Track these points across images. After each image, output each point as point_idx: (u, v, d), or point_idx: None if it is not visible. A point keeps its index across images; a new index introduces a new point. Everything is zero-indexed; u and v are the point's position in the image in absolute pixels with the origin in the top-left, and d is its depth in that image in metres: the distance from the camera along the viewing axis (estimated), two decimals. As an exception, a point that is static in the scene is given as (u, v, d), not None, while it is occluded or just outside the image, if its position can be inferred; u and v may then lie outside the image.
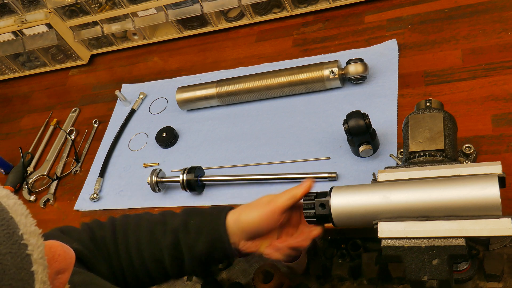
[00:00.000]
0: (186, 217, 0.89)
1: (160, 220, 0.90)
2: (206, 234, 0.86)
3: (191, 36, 1.60)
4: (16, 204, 0.47)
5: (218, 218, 0.87)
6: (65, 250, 0.51)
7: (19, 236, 0.45)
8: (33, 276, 0.45)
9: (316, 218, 0.81)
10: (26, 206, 0.49)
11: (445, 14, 1.25)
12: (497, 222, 0.67)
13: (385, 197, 0.74)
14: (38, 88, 1.79)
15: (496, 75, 1.08)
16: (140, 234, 0.88)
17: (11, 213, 0.46)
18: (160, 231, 0.88)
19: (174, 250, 0.87)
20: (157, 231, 0.88)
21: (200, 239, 0.86)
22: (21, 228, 0.46)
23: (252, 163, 1.19)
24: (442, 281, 0.69)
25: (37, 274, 0.45)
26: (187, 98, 1.35)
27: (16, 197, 0.49)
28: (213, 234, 0.86)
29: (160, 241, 0.87)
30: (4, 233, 0.44)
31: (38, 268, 0.45)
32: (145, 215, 0.93)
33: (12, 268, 0.43)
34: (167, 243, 0.86)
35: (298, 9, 1.45)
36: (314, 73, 1.22)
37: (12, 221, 0.45)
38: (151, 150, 1.36)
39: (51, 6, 1.54)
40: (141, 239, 0.88)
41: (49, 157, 1.49)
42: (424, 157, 0.82)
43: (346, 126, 1.02)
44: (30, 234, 0.46)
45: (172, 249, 0.86)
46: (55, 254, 0.49)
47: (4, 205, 0.46)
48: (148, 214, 0.93)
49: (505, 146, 0.98)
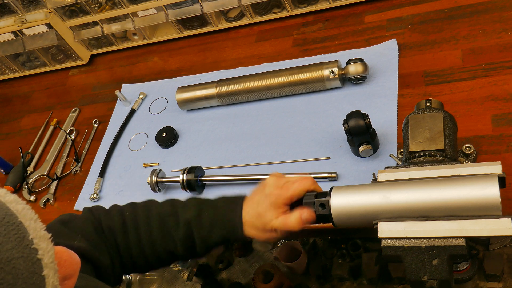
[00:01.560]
0: (199, 209, 0.89)
1: (171, 211, 0.90)
2: (220, 227, 0.87)
3: (191, 36, 1.60)
4: (24, 209, 0.48)
5: (233, 211, 0.87)
6: (71, 256, 0.51)
7: (29, 241, 0.45)
8: (44, 280, 0.45)
9: (316, 218, 0.81)
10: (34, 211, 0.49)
11: (445, 14, 1.25)
12: (497, 222, 0.67)
13: (385, 197, 0.74)
14: (38, 88, 1.79)
15: (496, 75, 1.08)
16: (152, 226, 0.89)
17: (20, 218, 0.46)
18: (173, 223, 0.88)
19: (187, 241, 0.88)
20: (169, 223, 0.89)
21: (214, 232, 0.87)
22: (30, 232, 0.46)
23: (252, 163, 1.19)
24: (442, 281, 0.69)
25: (48, 278, 0.46)
26: (187, 98, 1.35)
27: (24, 202, 0.49)
28: (227, 227, 0.86)
29: (173, 234, 0.88)
30: (15, 237, 0.44)
31: (49, 273, 0.46)
32: (153, 206, 0.93)
33: (24, 272, 0.44)
34: (180, 235, 0.88)
35: (298, 9, 1.45)
36: (314, 73, 1.22)
37: (21, 226, 0.46)
38: (151, 150, 1.36)
39: (51, 6, 1.54)
40: (153, 232, 0.89)
41: (49, 157, 1.49)
42: (424, 157, 0.82)
43: (346, 126, 1.02)
44: (40, 238, 0.46)
45: (185, 240, 0.88)
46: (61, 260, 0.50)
47: (13, 210, 0.46)
48: (156, 204, 0.93)
49: (505, 146, 0.98)
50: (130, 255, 0.90)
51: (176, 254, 0.90)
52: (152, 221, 0.89)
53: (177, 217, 0.89)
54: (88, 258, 0.83)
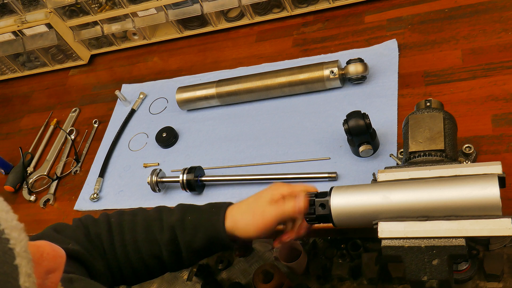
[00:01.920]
0: (183, 213, 0.90)
1: (156, 216, 0.90)
2: (203, 230, 0.87)
3: (191, 36, 1.60)
4: None
5: (216, 215, 0.87)
6: (54, 249, 0.51)
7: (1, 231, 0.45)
8: (17, 269, 0.45)
9: (316, 218, 0.81)
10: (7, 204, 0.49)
11: (445, 14, 1.25)
12: (497, 222, 0.67)
13: (385, 197, 0.74)
14: (38, 88, 1.79)
15: (496, 75, 1.08)
16: (137, 231, 0.89)
17: None
18: (157, 227, 0.89)
19: (172, 246, 0.88)
20: (153, 228, 0.89)
21: (198, 235, 0.87)
22: (1, 223, 0.46)
23: (252, 163, 1.19)
24: (442, 281, 0.69)
25: (21, 267, 0.45)
26: (187, 98, 1.35)
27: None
28: (211, 230, 0.86)
29: (158, 238, 0.88)
30: None
31: (21, 262, 0.46)
32: (140, 211, 0.93)
33: None
34: (165, 239, 0.87)
35: (298, 9, 1.45)
36: (314, 73, 1.22)
37: None
38: (151, 150, 1.36)
39: (51, 6, 1.54)
40: (137, 236, 0.89)
41: (49, 157, 1.49)
42: (424, 157, 0.82)
43: (346, 126, 1.02)
44: (11, 228, 0.46)
45: (170, 245, 0.88)
46: (44, 253, 0.50)
47: None
48: (143, 211, 0.94)
49: (505, 146, 0.98)
50: (117, 262, 0.89)
51: (162, 261, 0.89)
52: (137, 226, 0.89)
53: (161, 222, 0.89)
54: (82, 261, 0.83)
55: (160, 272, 0.92)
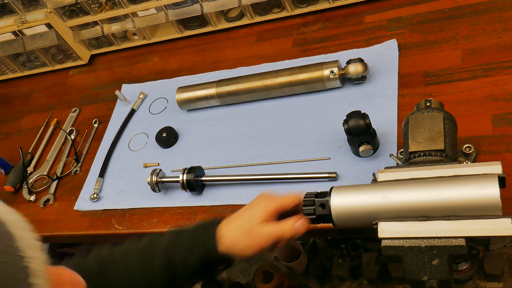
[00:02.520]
0: (175, 235, 0.88)
1: (148, 244, 0.89)
2: (196, 249, 0.85)
3: (191, 36, 1.60)
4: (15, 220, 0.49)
5: (208, 231, 0.86)
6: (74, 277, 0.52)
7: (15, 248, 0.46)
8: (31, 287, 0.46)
9: (316, 218, 0.81)
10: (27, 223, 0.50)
11: (445, 14, 1.25)
12: (497, 222, 0.67)
13: (385, 197, 0.74)
14: (38, 88, 1.79)
15: (496, 75, 1.08)
16: (129, 262, 0.87)
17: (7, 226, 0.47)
18: (149, 254, 0.87)
19: (168, 270, 0.86)
20: (146, 256, 0.87)
21: (192, 254, 0.85)
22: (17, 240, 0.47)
23: (252, 163, 1.19)
24: (442, 281, 0.69)
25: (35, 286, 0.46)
26: (187, 98, 1.35)
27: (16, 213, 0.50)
28: (203, 247, 0.85)
29: (151, 265, 0.86)
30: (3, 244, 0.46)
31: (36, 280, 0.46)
32: (129, 243, 0.92)
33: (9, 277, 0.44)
34: (159, 264, 0.85)
35: (298, 9, 1.45)
36: (314, 73, 1.22)
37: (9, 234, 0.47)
38: (151, 150, 1.36)
39: (51, 6, 1.54)
40: (131, 267, 0.87)
41: (49, 157, 1.49)
42: (424, 157, 0.82)
43: (346, 126, 1.02)
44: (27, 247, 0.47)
45: (165, 270, 0.85)
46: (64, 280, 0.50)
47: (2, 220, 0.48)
48: (133, 242, 0.92)
49: (505, 146, 0.98)
50: None
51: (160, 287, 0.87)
52: (129, 256, 0.88)
53: (153, 248, 0.87)
54: None
55: None
